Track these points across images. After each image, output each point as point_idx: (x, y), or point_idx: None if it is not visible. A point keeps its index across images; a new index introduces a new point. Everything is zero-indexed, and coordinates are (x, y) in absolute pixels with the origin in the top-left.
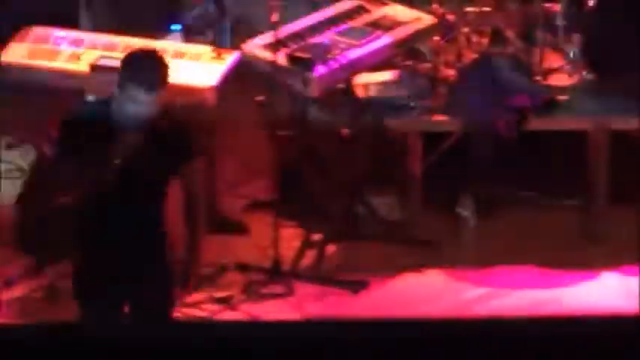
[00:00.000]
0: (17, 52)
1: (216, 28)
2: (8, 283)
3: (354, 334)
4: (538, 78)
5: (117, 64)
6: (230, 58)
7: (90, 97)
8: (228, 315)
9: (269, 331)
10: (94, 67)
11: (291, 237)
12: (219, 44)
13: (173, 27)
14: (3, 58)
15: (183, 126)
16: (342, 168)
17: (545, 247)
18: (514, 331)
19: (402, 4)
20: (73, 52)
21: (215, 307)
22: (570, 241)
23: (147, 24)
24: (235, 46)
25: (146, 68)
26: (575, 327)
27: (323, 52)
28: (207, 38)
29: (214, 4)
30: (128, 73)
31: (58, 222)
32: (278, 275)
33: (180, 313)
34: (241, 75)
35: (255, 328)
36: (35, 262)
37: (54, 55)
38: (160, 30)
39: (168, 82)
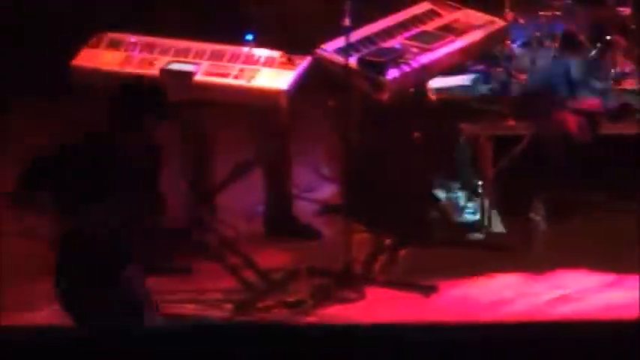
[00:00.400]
0: (90, 57)
1: None
2: None
3: (426, 337)
4: (610, 82)
5: (187, 68)
6: (301, 62)
7: None
8: (299, 319)
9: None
10: (164, 72)
11: (362, 241)
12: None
13: (247, 37)
14: (76, 63)
15: None
16: (414, 172)
17: (618, 251)
18: (587, 334)
19: (474, 9)
20: (144, 57)
21: (286, 311)
22: None
23: (223, 33)
24: (308, 52)
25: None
26: None
27: (395, 56)
28: None
29: None
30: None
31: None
32: (349, 280)
33: (251, 317)
34: (313, 79)
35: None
36: None
37: (126, 60)
38: (235, 40)
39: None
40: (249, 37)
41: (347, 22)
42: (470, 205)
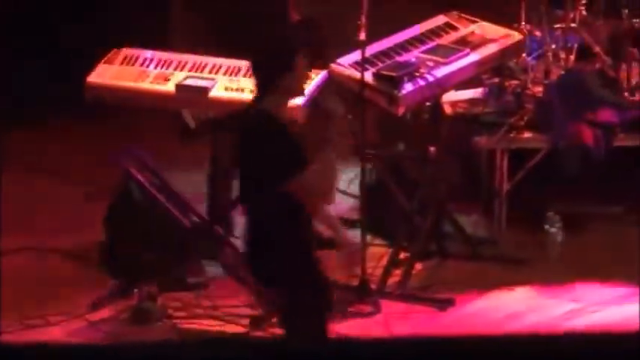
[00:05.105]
0: (106, 73)
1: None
2: (95, 305)
3: (442, 351)
4: (625, 94)
5: (203, 84)
6: (317, 77)
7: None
8: None
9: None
10: (180, 87)
11: (378, 255)
12: None
13: None
14: (92, 79)
15: None
16: (428, 186)
17: (632, 263)
18: (603, 347)
19: (490, 22)
20: (160, 72)
21: None
22: None
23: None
24: (323, 65)
25: None
26: None
27: (410, 70)
28: None
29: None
30: None
31: (145, 243)
32: (365, 293)
33: (266, 332)
34: (329, 94)
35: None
36: (122, 284)
37: (142, 76)
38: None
39: None
40: None
41: (362, 36)
42: (484, 218)
